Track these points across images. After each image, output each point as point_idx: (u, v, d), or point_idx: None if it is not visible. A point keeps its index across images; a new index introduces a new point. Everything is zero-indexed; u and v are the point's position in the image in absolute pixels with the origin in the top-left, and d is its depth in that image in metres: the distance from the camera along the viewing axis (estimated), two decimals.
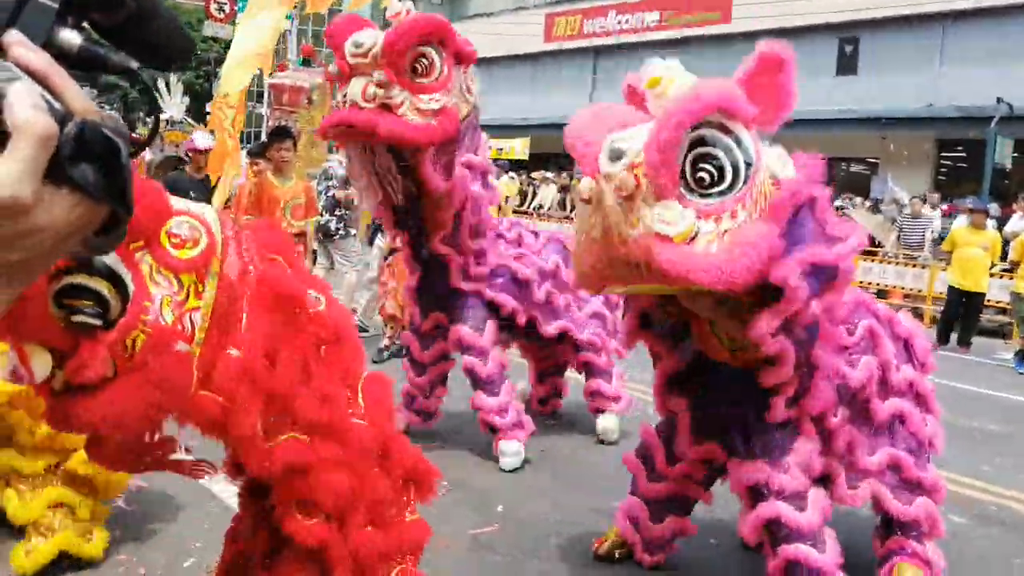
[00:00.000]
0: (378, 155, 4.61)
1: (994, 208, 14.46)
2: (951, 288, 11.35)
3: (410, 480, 2.33)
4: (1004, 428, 7.32)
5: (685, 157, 2.58)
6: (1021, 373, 10.01)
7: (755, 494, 3.24)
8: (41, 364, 1.61)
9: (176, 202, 1.78)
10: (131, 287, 1.65)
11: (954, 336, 11.42)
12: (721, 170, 2.59)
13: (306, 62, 16.34)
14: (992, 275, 11.68)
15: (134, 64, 0.85)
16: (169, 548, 3.73)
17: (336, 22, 4.69)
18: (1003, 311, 12.77)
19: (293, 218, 6.92)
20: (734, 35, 23.25)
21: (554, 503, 4.61)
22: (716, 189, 2.58)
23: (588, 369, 5.72)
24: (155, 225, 1.72)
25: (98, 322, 1.60)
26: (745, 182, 2.60)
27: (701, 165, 2.58)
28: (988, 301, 12.07)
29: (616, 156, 2.62)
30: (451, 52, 4.42)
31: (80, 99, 0.67)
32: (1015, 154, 19.50)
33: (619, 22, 26.79)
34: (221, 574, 2.45)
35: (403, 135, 4.28)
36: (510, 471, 5.03)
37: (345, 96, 4.37)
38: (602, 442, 5.72)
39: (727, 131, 2.60)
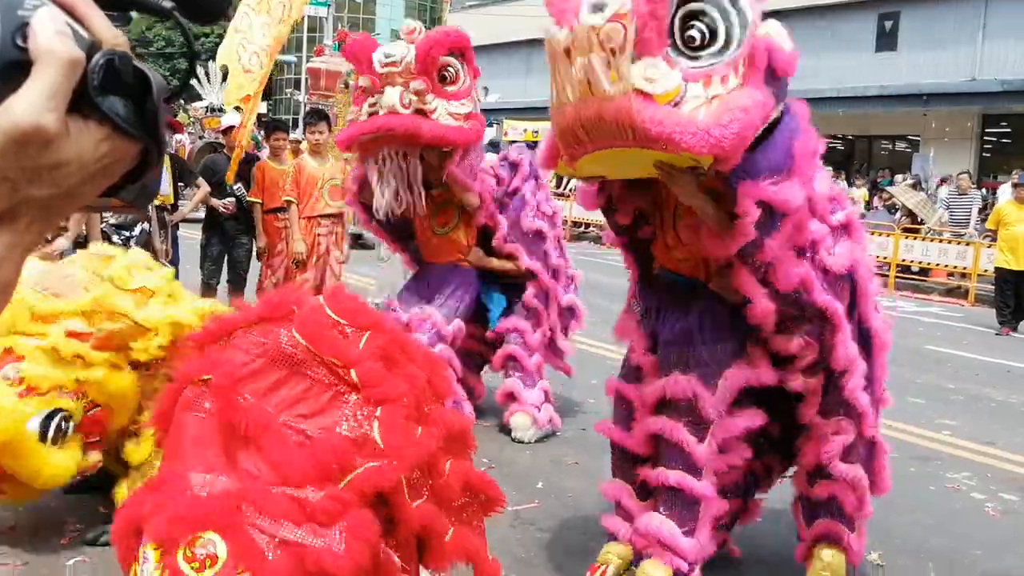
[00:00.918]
0: (410, 163, 4.81)
1: None
2: (999, 269, 10.71)
3: (427, 371, 2.33)
4: None
5: (675, 12, 2.35)
6: None
7: (663, 404, 3.02)
8: None
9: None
10: None
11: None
12: (714, 31, 2.37)
13: (342, 47, 16.38)
14: None
15: (168, 3, 0.83)
16: None
17: (354, 41, 5.04)
18: None
19: (331, 199, 6.94)
20: (769, 12, 22.86)
21: (593, 479, 4.57)
22: (707, 51, 2.36)
23: (512, 364, 5.35)
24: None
25: None
26: (739, 45, 2.37)
27: (692, 23, 2.36)
28: None
29: (598, 7, 2.36)
30: (471, 64, 4.85)
31: (109, 29, 0.64)
32: None
33: None
34: None
35: (445, 136, 4.64)
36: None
37: (374, 105, 4.63)
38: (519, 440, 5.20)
39: None
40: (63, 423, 3.12)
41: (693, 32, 2.36)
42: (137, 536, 1.88)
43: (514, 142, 28.99)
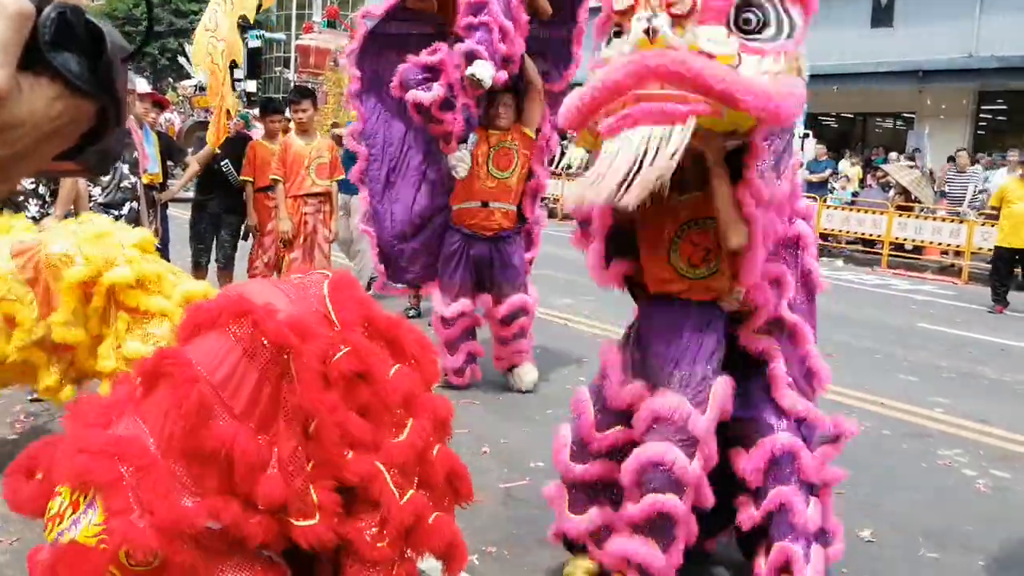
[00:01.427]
0: None
1: None
2: (999, 248, 10.61)
3: (417, 360, 2.34)
4: None
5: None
6: None
7: (654, 421, 2.89)
8: None
9: None
10: None
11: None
12: (766, 21, 2.54)
13: (331, 24, 16.26)
14: None
15: None
16: None
17: None
18: None
19: (317, 177, 6.86)
20: None
21: None
22: (761, 35, 2.53)
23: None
24: None
25: None
26: (789, 36, 2.56)
27: (748, 9, 2.52)
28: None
29: None
30: None
31: None
32: None
33: None
34: None
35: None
36: None
37: None
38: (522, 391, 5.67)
39: None
40: None
41: (749, 15, 2.52)
42: (84, 484, 1.89)
43: None
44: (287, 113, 7.34)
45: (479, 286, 5.69)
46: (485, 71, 5.03)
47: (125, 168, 5.93)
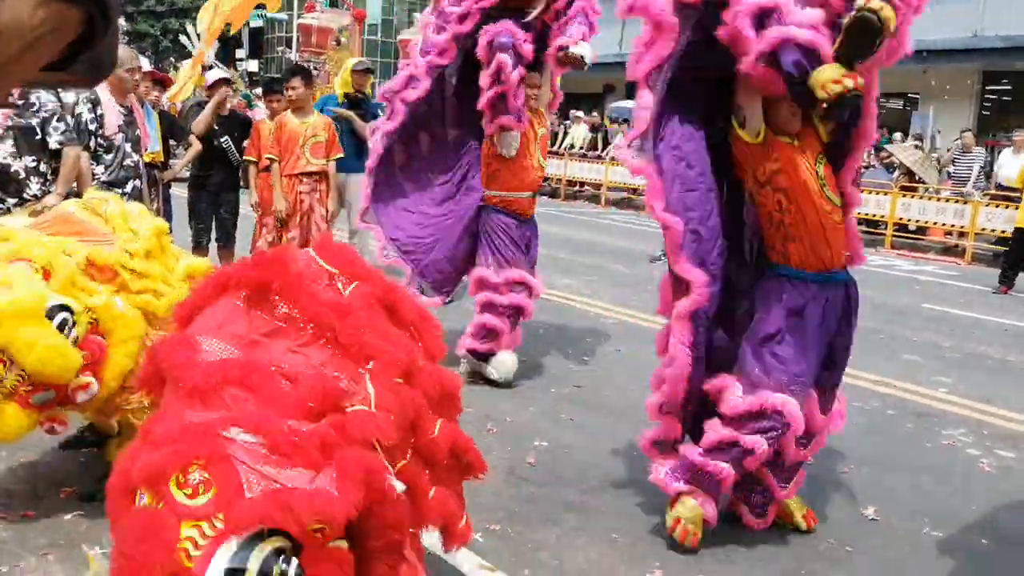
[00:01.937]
0: None
1: None
2: (1019, 229, 10.35)
3: (418, 330, 2.28)
4: None
5: None
6: None
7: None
8: None
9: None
10: None
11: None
12: None
13: (333, 4, 16.20)
14: None
15: None
16: None
17: None
18: None
19: (312, 156, 6.74)
20: None
21: (592, 436, 4.57)
22: None
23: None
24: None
25: None
26: None
27: None
28: None
29: None
30: None
31: None
32: None
33: None
34: None
35: None
36: None
37: None
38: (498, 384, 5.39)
39: None
40: (67, 323, 3.02)
41: None
42: (130, 494, 1.84)
43: None
44: None
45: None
46: (589, 51, 5.22)
47: (128, 146, 5.90)
